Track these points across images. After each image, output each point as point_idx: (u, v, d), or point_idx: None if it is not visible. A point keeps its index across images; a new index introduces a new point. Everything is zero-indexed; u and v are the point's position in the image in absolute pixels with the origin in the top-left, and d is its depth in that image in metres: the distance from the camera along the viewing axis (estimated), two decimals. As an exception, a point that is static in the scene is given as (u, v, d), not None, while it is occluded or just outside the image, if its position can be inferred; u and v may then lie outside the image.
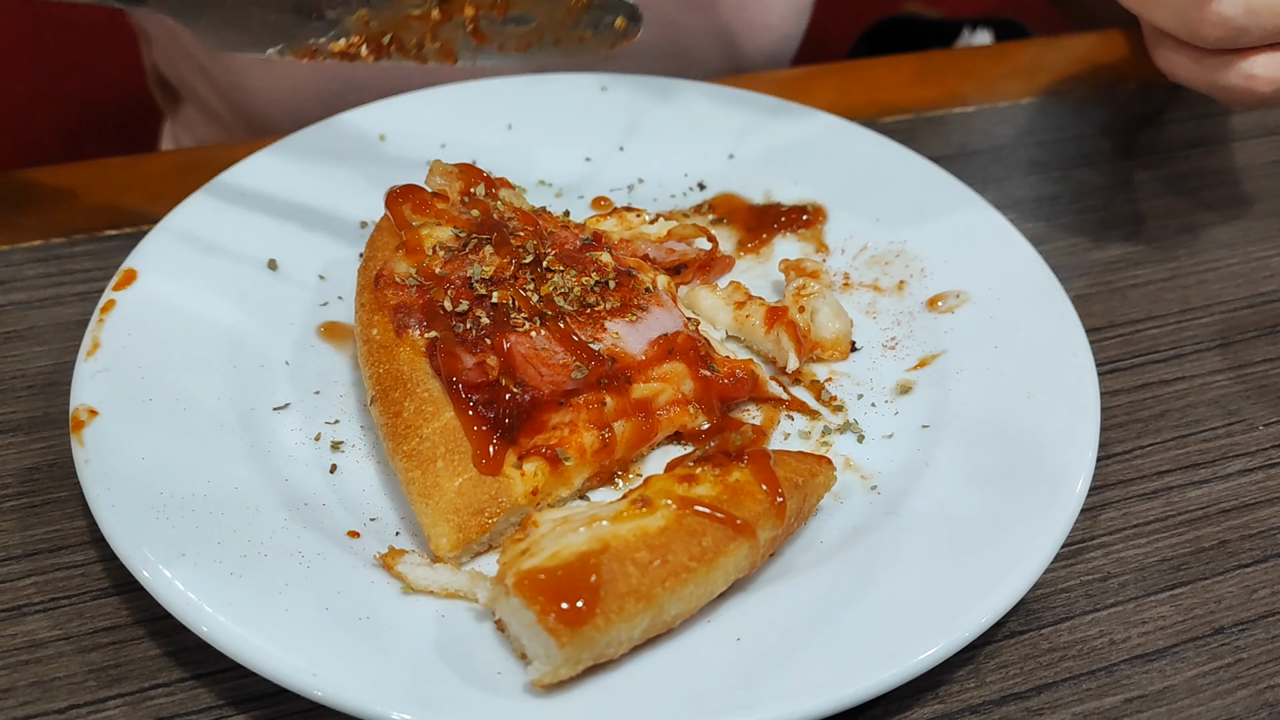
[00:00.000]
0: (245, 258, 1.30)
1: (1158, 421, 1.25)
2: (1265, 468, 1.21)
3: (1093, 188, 1.56)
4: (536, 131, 1.50)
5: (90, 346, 1.15)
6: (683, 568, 0.95)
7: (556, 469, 1.08)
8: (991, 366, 1.21)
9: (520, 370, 1.10)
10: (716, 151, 1.50)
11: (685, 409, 1.16)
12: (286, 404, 1.18)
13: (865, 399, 1.22)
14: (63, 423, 1.17)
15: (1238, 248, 1.47)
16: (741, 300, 1.28)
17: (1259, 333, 1.36)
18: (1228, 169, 1.60)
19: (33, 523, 1.10)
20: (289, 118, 1.67)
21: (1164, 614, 1.08)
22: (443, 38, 1.19)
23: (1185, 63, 1.29)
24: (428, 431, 1.07)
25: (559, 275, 1.18)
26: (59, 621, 1.03)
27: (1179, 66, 1.30)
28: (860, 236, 1.39)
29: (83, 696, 0.98)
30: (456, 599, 1.00)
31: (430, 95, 1.51)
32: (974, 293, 1.29)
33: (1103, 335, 1.34)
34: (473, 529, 1.04)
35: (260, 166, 1.39)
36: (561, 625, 0.90)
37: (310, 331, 1.26)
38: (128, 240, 1.36)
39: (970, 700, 1.00)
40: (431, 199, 1.26)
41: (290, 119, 1.65)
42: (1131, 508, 1.16)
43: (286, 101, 1.73)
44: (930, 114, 1.66)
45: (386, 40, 1.19)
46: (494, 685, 0.93)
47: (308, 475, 1.11)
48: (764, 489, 1.01)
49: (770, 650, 0.97)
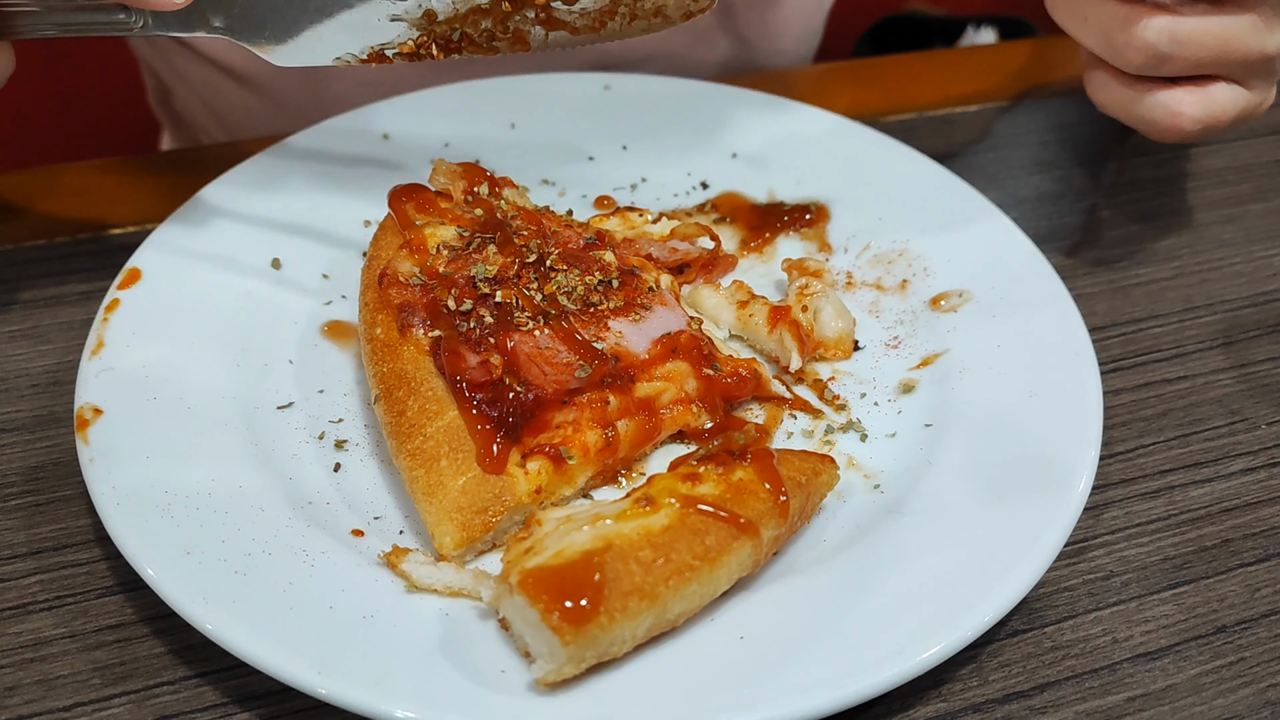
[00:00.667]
0: (249, 257, 1.30)
1: (1160, 420, 1.25)
2: (1268, 466, 1.21)
3: (1095, 187, 1.56)
4: (540, 131, 1.50)
5: (94, 345, 1.16)
6: (686, 566, 0.95)
7: (560, 468, 1.08)
8: (994, 365, 1.21)
9: (524, 369, 1.10)
10: (719, 150, 1.50)
11: (688, 408, 1.16)
12: (290, 403, 1.18)
13: (868, 398, 1.22)
14: (67, 421, 1.17)
15: (1240, 247, 1.47)
16: (744, 299, 1.28)
17: (1262, 332, 1.36)
18: (1230, 168, 1.60)
19: (37, 521, 1.11)
20: None
21: (1166, 613, 1.08)
22: (513, 28, 1.17)
23: (1111, 89, 1.27)
24: (431, 430, 1.08)
25: (562, 274, 1.18)
26: (64, 619, 1.03)
27: (1104, 93, 1.28)
28: (863, 236, 1.39)
29: (87, 694, 0.98)
30: (460, 597, 1.00)
31: (433, 95, 1.51)
32: (977, 292, 1.29)
33: (1105, 334, 1.34)
34: (476, 528, 1.04)
35: (264, 166, 1.39)
36: (565, 624, 0.90)
37: (314, 330, 1.26)
38: (132, 239, 1.36)
39: (973, 699, 1.01)
40: (435, 198, 1.26)
41: None
42: (1134, 506, 1.16)
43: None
44: (933, 113, 1.66)
45: (455, 36, 1.18)
46: (498, 684, 0.93)
47: (311, 474, 1.11)
48: (767, 488, 1.01)
49: (773, 648, 0.97)
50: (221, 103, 1.80)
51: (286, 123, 1.62)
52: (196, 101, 1.85)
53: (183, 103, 1.89)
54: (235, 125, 1.82)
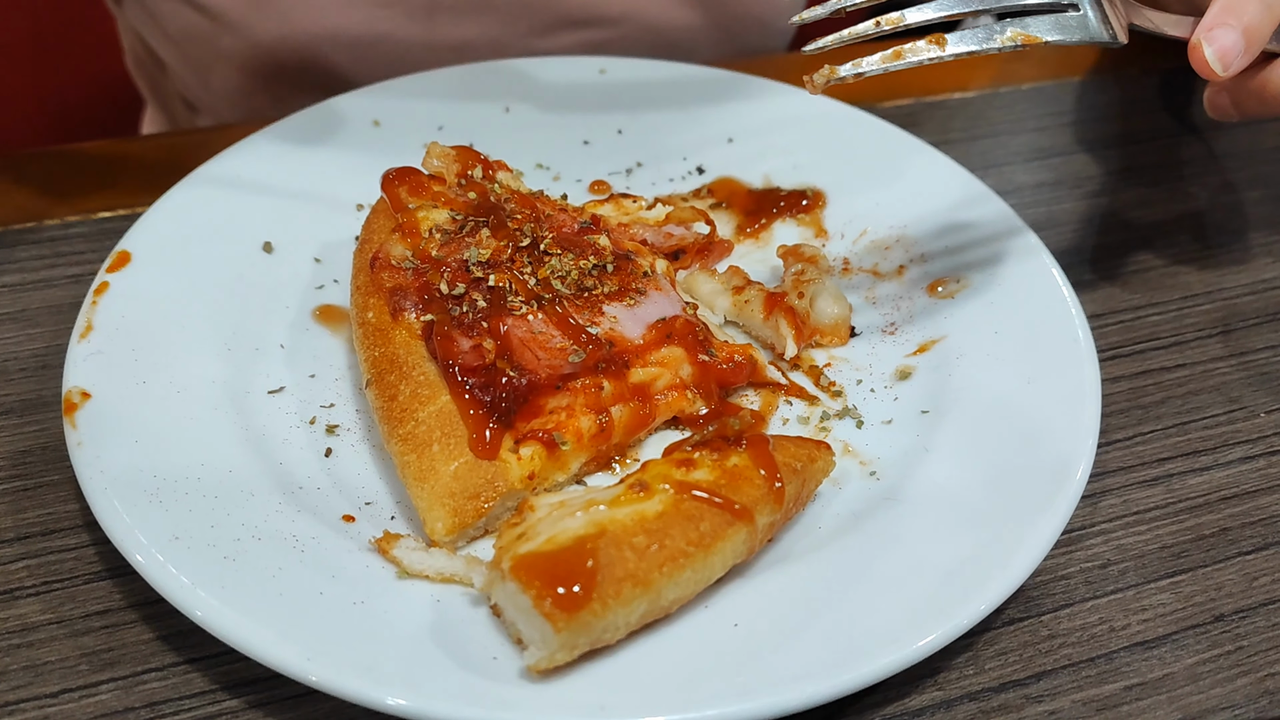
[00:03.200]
0: (240, 240, 1.29)
1: (1158, 408, 1.24)
2: (1266, 455, 1.20)
3: (1094, 173, 1.55)
4: (534, 114, 1.49)
5: (83, 329, 1.15)
6: (680, 553, 0.94)
7: (553, 453, 1.07)
8: (991, 352, 1.20)
9: (517, 354, 1.09)
10: (715, 135, 1.49)
11: (683, 394, 1.15)
12: (281, 387, 1.17)
13: (864, 384, 1.21)
14: (55, 405, 1.16)
15: (1239, 234, 1.46)
16: (740, 285, 1.27)
17: (1260, 320, 1.35)
18: (1229, 155, 1.59)
19: (25, 506, 1.09)
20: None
21: (1164, 601, 1.07)
22: None
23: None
24: (423, 415, 1.07)
25: (556, 258, 1.17)
26: (51, 605, 1.02)
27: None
28: (860, 221, 1.38)
29: (75, 680, 0.97)
30: (452, 584, 1.00)
31: (427, 78, 1.50)
32: (974, 278, 1.28)
33: (1103, 321, 1.33)
34: (469, 513, 1.03)
35: (256, 148, 1.38)
36: (558, 610, 0.89)
37: (305, 314, 1.25)
38: (122, 222, 1.34)
39: (969, 687, 1.00)
40: (428, 181, 1.25)
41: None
42: (1132, 495, 1.16)
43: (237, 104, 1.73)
44: (931, 99, 1.65)
45: None
46: (489, 670, 0.93)
47: (302, 459, 1.11)
48: (762, 474, 1.00)
49: (768, 636, 0.96)
50: (193, 48, 1.76)
51: (238, 43, 1.62)
52: (171, 49, 1.82)
53: (166, 60, 1.87)
54: (198, 58, 1.78)
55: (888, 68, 1.10)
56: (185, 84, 1.86)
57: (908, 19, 1.11)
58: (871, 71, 1.10)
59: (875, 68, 1.11)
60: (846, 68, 1.11)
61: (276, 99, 1.72)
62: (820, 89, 1.12)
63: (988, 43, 1.11)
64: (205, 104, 1.86)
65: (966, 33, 1.11)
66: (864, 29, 1.11)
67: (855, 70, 1.10)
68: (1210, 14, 1.15)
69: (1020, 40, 1.11)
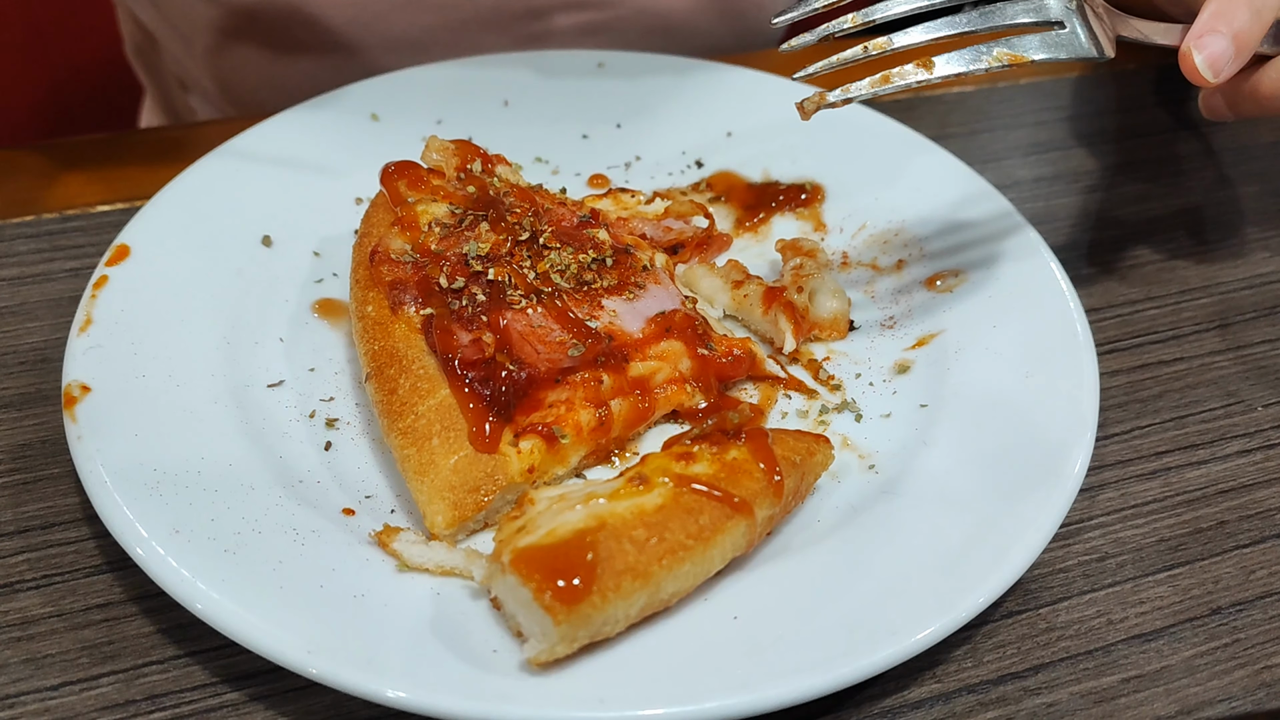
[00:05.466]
0: (239, 234, 1.29)
1: (1156, 402, 1.24)
2: (1264, 449, 1.20)
3: (1092, 168, 1.55)
4: (533, 108, 1.49)
5: (83, 322, 1.15)
6: (680, 546, 0.94)
7: (553, 447, 1.07)
8: (990, 346, 1.20)
9: (516, 347, 1.09)
10: (714, 129, 1.49)
11: (682, 387, 1.15)
12: (281, 381, 1.17)
13: (863, 378, 1.22)
14: (55, 399, 1.16)
15: (1236, 228, 1.47)
16: (739, 279, 1.27)
17: (1258, 314, 1.35)
18: (1226, 150, 1.59)
19: (25, 499, 1.10)
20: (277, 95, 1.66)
21: (1162, 594, 1.07)
22: None
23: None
24: (423, 409, 1.07)
25: (556, 252, 1.17)
26: (51, 598, 1.02)
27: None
28: (859, 215, 1.38)
29: (75, 673, 0.97)
30: (452, 577, 1.00)
31: (426, 72, 1.50)
32: (972, 273, 1.28)
33: (1101, 315, 1.33)
34: (468, 506, 1.03)
35: (255, 142, 1.38)
36: (557, 603, 0.89)
37: (305, 308, 1.25)
38: (121, 215, 1.35)
39: (967, 680, 1.00)
40: (427, 175, 1.25)
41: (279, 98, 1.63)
42: (1130, 488, 1.16)
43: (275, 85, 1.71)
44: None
45: None
46: (489, 663, 0.93)
47: (302, 452, 1.11)
48: (761, 467, 1.01)
49: (767, 629, 0.96)
50: (185, 24, 1.74)
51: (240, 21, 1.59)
52: (167, 30, 1.80)
53: (154, 32, 1.86)
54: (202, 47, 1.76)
55: (876, 92, 1.12)
56: (174, 56, 1.85)
57: (895, 43, 1.12)
58: (861, 96, 1.12)
59: (864, 93, 1.12)
60: (836, 94, 1.12)
61: (261, 65, 1.69)
62: (810, 115, 1.14)
63: (975, 64, 1.13)
64: (193, 78, 1.84)
65: (954, 54, 1.13)
66: (852, 54, 1.12)
67: (844, 96, 1.12)
68: (1200, 21, 1.15)
69: (1007, 60, 1.12)
